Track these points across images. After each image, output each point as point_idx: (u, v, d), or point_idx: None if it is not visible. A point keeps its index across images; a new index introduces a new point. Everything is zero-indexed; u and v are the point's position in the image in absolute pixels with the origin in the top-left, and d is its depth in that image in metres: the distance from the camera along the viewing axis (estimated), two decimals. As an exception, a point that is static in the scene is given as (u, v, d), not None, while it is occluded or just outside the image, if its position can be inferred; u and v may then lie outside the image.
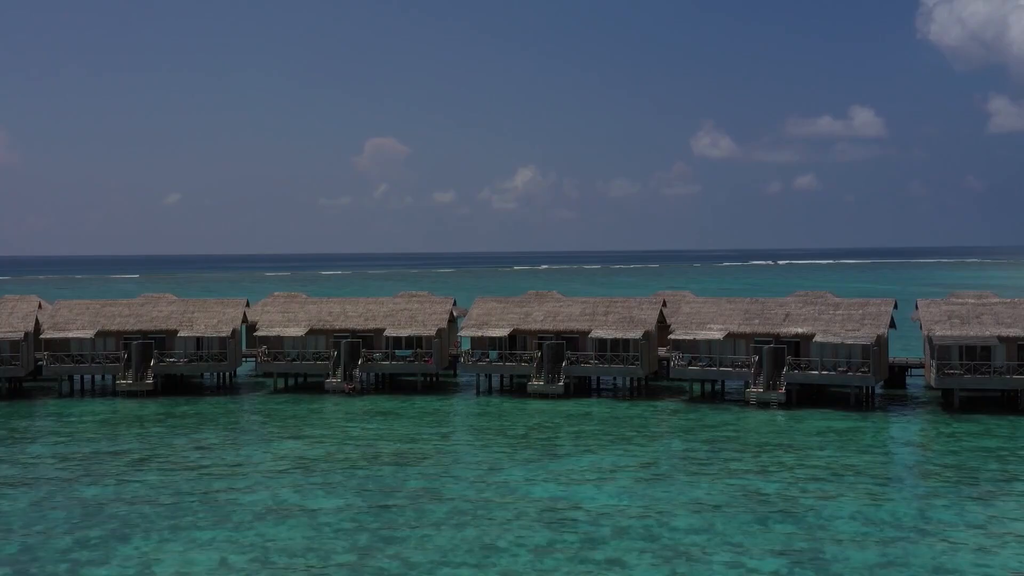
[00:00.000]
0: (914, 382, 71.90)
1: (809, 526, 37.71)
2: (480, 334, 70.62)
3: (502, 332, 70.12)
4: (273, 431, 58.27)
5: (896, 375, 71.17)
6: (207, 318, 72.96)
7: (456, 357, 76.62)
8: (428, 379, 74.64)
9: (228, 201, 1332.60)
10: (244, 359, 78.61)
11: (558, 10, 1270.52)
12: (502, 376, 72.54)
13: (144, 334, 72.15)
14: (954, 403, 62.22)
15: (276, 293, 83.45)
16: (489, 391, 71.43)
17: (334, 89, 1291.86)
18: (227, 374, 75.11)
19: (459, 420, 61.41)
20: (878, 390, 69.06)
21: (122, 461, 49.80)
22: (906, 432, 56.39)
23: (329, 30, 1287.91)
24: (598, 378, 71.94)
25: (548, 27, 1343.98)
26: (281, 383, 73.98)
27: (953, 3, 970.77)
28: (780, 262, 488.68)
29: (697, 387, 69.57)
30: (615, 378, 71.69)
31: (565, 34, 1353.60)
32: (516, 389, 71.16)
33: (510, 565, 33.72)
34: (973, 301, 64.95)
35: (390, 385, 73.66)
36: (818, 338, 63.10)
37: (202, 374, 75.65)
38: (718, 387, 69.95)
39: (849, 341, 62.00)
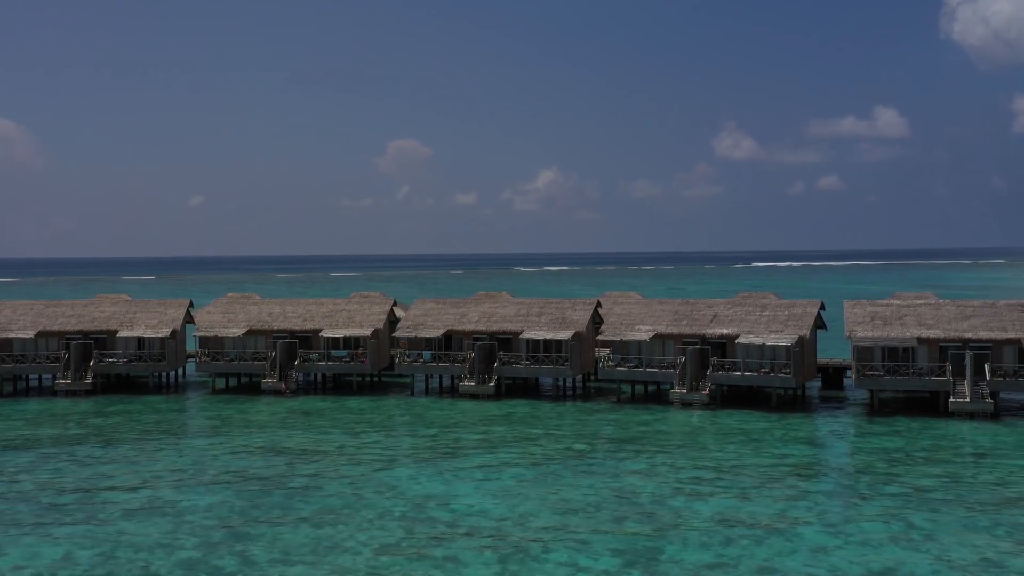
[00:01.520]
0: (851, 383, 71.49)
1: (663, 526, 37.79)
2: (415, 335, 70.95)
3: (435, 333, 70.42)
4: (188, 430, 58.95)
5: (832, 376, 70.94)
6: (148, 318, 73.81)
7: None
8: (367, 379, 75.05)
9: (251, 203, 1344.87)
10: (189, 359, 79.35)
11: (580, 13, 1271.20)
12: (440, 377, 72.82)
13: (85, 334, 73.08)
14: (874, 405, 61.99)
15: (230, 294, 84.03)
16: (426, 392, 71.74)
17: (357, 91, 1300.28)
18: (168, 374, 75.79)
19: (379, 420, 61.66)
20: (816, 391, 68.95)
21: (24, 458, 50.56)
22: (815, 433, 56.14)
23: (353, 34, 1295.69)
24: (537, 379, 72.02)
25: (570, 30, 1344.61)
26: (222, 383, 74.66)
27: (977, 2, 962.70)
28: (794, 264, 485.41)
29: (628, 388, 69.51)
30: (558, 379, 71.69)
31: (587, 36, 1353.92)
32: (453, 390, 71.40)
33: (345, 563, 33.98)
34: (898, 303, 64.55)
35: (328, 386, 74.16)
36: (741, 339, 63.00)
37: (150, 374, 76.43)
38: (652, 388, 69.91)
39: (771, 342, 61.85)
